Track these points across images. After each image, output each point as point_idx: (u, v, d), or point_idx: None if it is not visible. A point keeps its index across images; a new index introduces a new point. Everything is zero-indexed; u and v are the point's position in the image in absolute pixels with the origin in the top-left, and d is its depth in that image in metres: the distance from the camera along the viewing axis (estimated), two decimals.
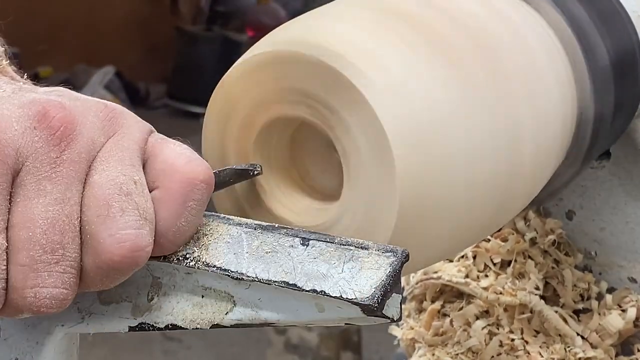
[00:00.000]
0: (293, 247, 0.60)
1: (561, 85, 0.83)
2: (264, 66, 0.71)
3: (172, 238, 0.60)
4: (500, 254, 1.01)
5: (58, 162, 0.57)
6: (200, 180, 0.60)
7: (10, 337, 0.65)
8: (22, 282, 0.57)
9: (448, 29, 0.76)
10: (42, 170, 0.57)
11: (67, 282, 0.58)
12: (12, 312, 0.59)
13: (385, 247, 0.59)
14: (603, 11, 0.88)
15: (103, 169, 0.58)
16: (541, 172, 0.82)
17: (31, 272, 0.57)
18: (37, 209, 0.57)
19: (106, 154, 0.59)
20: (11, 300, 0.58)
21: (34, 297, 0.57)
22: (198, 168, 0.60)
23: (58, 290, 0.58)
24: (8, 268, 0.57)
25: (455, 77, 0.73)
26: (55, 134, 0.57)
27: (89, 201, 0.58)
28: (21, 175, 0.57)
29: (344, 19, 0.75)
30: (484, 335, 0.99)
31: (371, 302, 0.57)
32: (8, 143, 0.57)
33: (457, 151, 0.71)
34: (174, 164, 0.60)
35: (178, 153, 0.61)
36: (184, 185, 0.60)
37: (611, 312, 0.98)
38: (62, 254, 0.57)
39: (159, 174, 0.60)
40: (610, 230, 0.99)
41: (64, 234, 0.57)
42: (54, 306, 0.58)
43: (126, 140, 0.60)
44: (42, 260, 0.57)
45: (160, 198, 0.60)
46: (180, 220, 0.60)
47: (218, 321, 0.62)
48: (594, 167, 0.98)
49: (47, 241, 0.57)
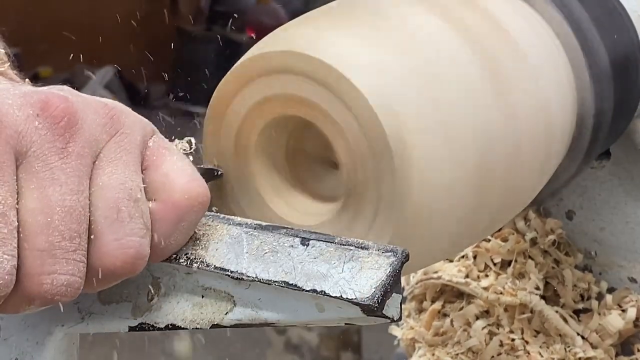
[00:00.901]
0: (293, 247, 0.60)
1: (561, 85, 0.83)
2: (260, 69, 0.72)
3: (159, 253, 0.60)
4: (500, 254, 1.01)
5: (65, 153, 0.57)
6: (199, 202, 0.60)
7: (10, 337, 0.65)
8: (40, 268, 0.56)
9: (447, 29, 0.76)
10: (52, 159, 0.56)
11: (82, 271, 0.57)
12: (18, 302, 0.57)
13: (385, 247, 0.59)
14: (603, 11, 0.88)
15: (111, 171, 0.58)
16: (541, 171, 0.82)
17: (49, 257, 0.56)
18: (55, 197, 0.56)
19: (111, 155, 0.59)
20: (24, 288, 0.56)
21: (51, 283, 0.56)
22: (199, 189, 0.60)
23: (74, 279, 0.57)
24: (21, 253, 0.56)
25: (454, 77, 0.73)
26: (59, 124, 0.57)
27: (97, 201, 0.58)
28: (29, 161, 0.56)
29: (340, 21, 0.75)
30: (484, 335, 0.99)
31: (371, 302, 0.57)
32: (10, 125, 0.56)
33: (457, 150, 0.71)
34: (175, 181, 0.60)
35: (180, 169, 0.60)
36: (181, 206, 0.59)
37: (611, 312, 0.98)
38: (78, 243, 0.57)
39: (158, 187, 0.60)
40: (610, 230, 0.99)
41: (81, 223, 0.57)
42: (68, 294, 0.57)
43: (129, 141, 0.59)
44: (60, 247, 0.56)
45: (157, 213, 0.59)
46: (170, 239, 0.60)
47: (218, 321, 0.61)
48: (594, 167, 0.98)
49: (66, 228, 0.56)
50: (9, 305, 0.57)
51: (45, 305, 0.58)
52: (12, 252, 0.55)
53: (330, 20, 0.75)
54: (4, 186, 0.55)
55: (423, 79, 0.72)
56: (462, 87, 0.73)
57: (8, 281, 0.55)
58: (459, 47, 0.75)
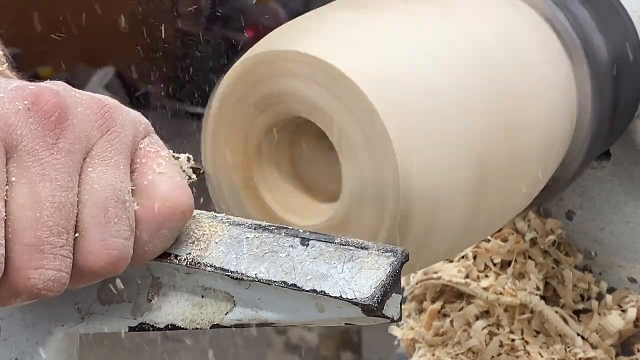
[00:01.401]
0: (293, 247, 0.60)
1: (561, 85, 0.83)
2: (260, 68, 0.72)
3: (135, 257, 0.60)
4: (500, 254, 1.01)
5: (56, 149, 0.57)
6: (181, 210, 0.60)
7: (10, 337, 0.65)
8: (27, 262, 0.56)
9: (446, 28, 0.76)
10: (42, 155, 0.57)
11: (69, 267, 0.57)
12: (7, 295, 0.57)
13: (385, 247, 0.59)
14: (603, 11, 0.88)
15: (101, 170, 0.58)
16: (541, 171, 0.82)
17: (37, 252, 0.56)
18: (44, 192, 0.56)
19: (102, 154, 0.59)
20: (11, 282, 0.57)
21: (38, 278, 0.56)
22: (182, 198, 0.60)
23: (61, 274, 0.57)
24: (10, 247, 0.56)
25: (454, 77, 0.73)
26: (50, 119, 0.57)
27: (86, 200, 0.58)
28: (20, 155, 0.56)
29: (339, 19, 0.75)
30: (484, 335, 0.99)
31: (371, 302, 0.57)
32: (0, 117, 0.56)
33: (457, 149, 0.71)
34: (158, 188, 0.60)
35: (165, 176, 0.60)
36: (162, 213, 0.59)
37: (611, 312, 0.98)
38: (66, 239, 0.57)
39: (142, 192, 0.60)
40: (610, 230, 0.99)
41: (69, 220, 0.57)
42: (54, 289, 0.57)
43: (120, 141, 0.59)
44: (48, 242, 0.56)
45: (138, 217, 0.59)
46: (149, 245, 0.60)
47: (218, 321, 0.61)
48: (594, 167, 0.98)
49: (54, 224, 0.56)
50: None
51: (32, 299, 0.58)
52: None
53: (331, 20, 0.75)
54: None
55: (425, 81, 0.72)
56: (462, 87, 0.73)
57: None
58: (459, 47, 0.75)
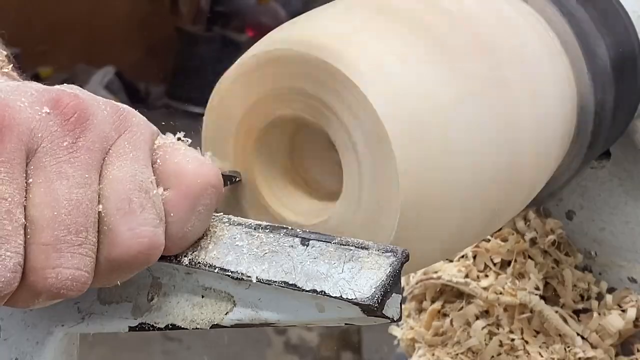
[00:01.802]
0: (293, 247, 0.60)
1: (561, 85, 0.83)
2: (260, 67, 0.72)
3: (178, 242, 0.60)
4: (500, 254, 1.01)
5: (75, 147, 0.57)
6: (212, 184, 0.60)
7: (10, 337, 0.65)
8: (44, 262, 0.56)
9: (447, 28, 0.76)
10: (61, 154, 0.57)
11: (89, 265, 0.57)
12: (27, 297, 0.57)
13: (385, 247, 0.59)
14: (603, 11, 0.88)
15: (121, 164, 0.58)
16: (541, 171, 0.82)
17: (54, 251, 0.56)
18: (61, 190, 0.56)
19: (120, 150, 0.59)
20: (30, 283, 0.56)
21: (56, 277, 0.56)
22: (210, 172, 0.60)
23: (80, 273, 0.57)
24: (28, 248, 0.56)
25: (453, 76, 0.73)
26: (70, 120, 0.57)
27: (108, 194, 0.58)
28: (38, 157, 0.57)
29: (339, 17, 0.75)
30: (484, 335, 0.99)
31: (371, 302, 0.57)
32: (22, 122, 0.56)
33: (457, 148, 0.71)
34: (186, 167, 0.60)
35: (191, 157, 0.61)
36: (195, 190, 0.60)
37: (611, 312, 0.98)
38: (85, 237, 0.57)
39: (170, 176, 0.60)
40: (610, 230, 0.99)
41: (88, 217, 0.57)
42: (74, 288, 0.57)
43: (137, 139, 0.60)
44: (66, 241, 0.56)
45: (171, 201, 0.59)
46: (188, 225, 0.60)
47: (218, 321, 0.62)
48: (594, 167, 0.98)
49: (72, 222, 0.56)
50: (19, 300, 0.57)
51: (54, 299, 0.58)
52: (16, 249, 0.55)
53: (332, 19, 0.75)
54: (12, 183, 0.56)
55: (425, 81, 0.72)
56: (462, 88, 0.73)
57: (10, 279, 0.55)
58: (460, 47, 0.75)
